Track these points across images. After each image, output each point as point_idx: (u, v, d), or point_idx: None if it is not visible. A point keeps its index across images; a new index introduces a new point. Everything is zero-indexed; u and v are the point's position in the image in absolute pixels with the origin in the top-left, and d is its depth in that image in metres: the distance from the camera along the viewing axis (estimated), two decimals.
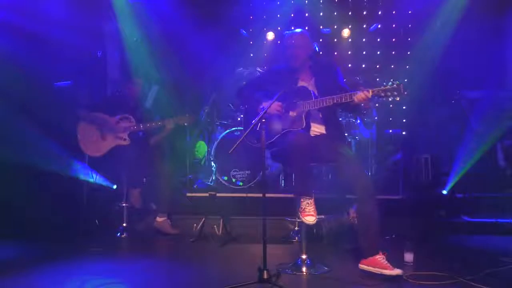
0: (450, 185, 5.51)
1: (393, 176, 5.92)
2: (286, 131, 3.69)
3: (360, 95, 3.45)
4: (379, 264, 3.40)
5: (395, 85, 3.35)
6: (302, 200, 3.49)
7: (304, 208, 3.47)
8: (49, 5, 5.45)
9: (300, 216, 3.50)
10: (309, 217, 3.45)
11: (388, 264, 3.40)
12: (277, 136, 3.75)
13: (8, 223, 4.55)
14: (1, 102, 4.77)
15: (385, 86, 3.38)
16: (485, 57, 6.04)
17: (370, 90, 3.40)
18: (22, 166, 4.81)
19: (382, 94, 3.37)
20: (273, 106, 3.68)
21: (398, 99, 3.35)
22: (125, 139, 4.81)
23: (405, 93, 3.34)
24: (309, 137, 3.61)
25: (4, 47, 4.90)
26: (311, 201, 3.49)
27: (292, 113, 3.73)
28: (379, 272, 3.38)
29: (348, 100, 3.47)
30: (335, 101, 3.52)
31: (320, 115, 3.72)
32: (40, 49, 5.18)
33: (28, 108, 4.99)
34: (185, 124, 4.87)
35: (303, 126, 3.65)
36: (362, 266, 3.47)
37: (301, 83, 3.80)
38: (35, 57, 5.02)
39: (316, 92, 3.74)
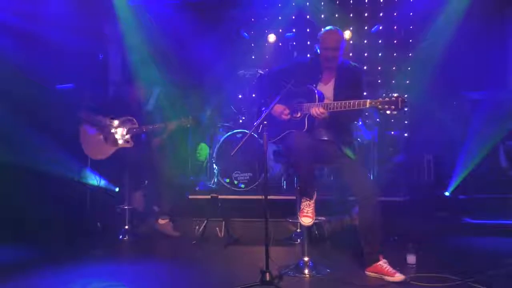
0: (452, 186, 5.51)
1: (395, 177, 5.91)
2: (288, 132, 3.64)
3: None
4: (382, 271, 3.44)
5: (393, 98, 3.20)
6: (302, 200, 3.51)
7: (303, 208, 3.49)
8: (50, 7, 5.46)
9: (299, 217, 3.51)
10: (306, 219, 3.48)
11: (391, 270, 3.42)
12: (280, 136, 3.70)
13: (10, 225, 4.56)
14: (3, 104, 4.79)
15: (383, 98, 3.25)
16: (487, 58, 6.03)
17: (368, 101, 3.29)
18: (24, 168, 4.82)
19: (380, 107, 3.23)
20: (279, 110, 3.66)
21: (395, 113, 3.21)
22: (128, 141, 4.81)
23: (405, 108, 3.19)
24: (311, 138, 3.55)
25: (6, 50, 4.91)
26: (311, 202, 3.49)
27: (296, 115, 3.66)
28: (382, 278, 3.42)
29: (346, 108, 3.36)
30: (336, 107, 3.41)
31: (328, 119, 3.54)
32: (42, 51, 5.20)
33: (30, 111, 5.01)
34: (188, 125, 4.87)
35: (305, 129, 3.56)
36: (367, 272, 3.52)
37: (320, 84, 3.68)
38: (37, 59, 5.04)
39: (329, 95, 3.63)
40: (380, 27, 6.75)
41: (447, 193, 5.53)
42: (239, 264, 3.97)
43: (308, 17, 7.02)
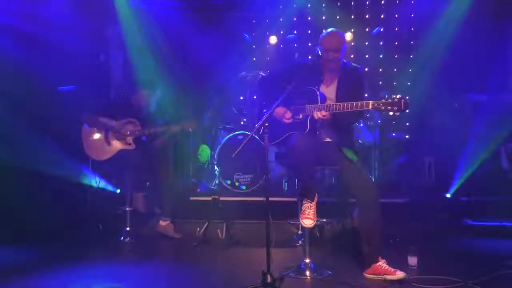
0: (454, 188, 5.51)
1: (396, 179, 5.90)
2: (290, 134, 3.64)
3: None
4: (382, 271, 3.43)
5: (396, 100, 3.19)
6: (303, 202, 3.50)
7: (304, 210, 3.49)
8: (51, 8, 5.47)
9: (300, 218, 3.51)
10: (307, 220, 3.47)
11: (390, 269, 3.41)
12: (282, 138, 3.70)
13: (10, 227, 4.56)
14: (4, 105, 4.79)
15: (385, 99, 3.23)
16: (489, 59, 6.03)
17: (370, 103, 3.28)
18: (25, 170, 4.82)
19: (383, 108, 3.22)
20: (281, 113, 3.66)
21: (398, 114, 3.20)
22: (130, 144, 4.81)
23: (407, 110, 3.18)
24: (313, 140, 3.55)
25: (8, 51, 4.92)
26: (312, 204, 3.49)
27: (298, 116, 3.65)
28: (382, 278, 3.41)
29: (349, 109, 3.35)
30: (338, 109, 3.40)
31: (330, 121, 3.53)
32: (43, 52, 5.20)
33: (31, 111, 5.01)
34: (190, 129, 4.88)
35: (307, 130, 3.56)
36: (366, 275, 3.50)
37: (322, 86, 3.68)
38: (39, 61, 5.04)
39: (332, 96, 3.63)
40: (381, 29, 6.76)
41: (448, 195, 5.52)
42: (240, 265, 3.97)
43: (309, 18, 7.03)
